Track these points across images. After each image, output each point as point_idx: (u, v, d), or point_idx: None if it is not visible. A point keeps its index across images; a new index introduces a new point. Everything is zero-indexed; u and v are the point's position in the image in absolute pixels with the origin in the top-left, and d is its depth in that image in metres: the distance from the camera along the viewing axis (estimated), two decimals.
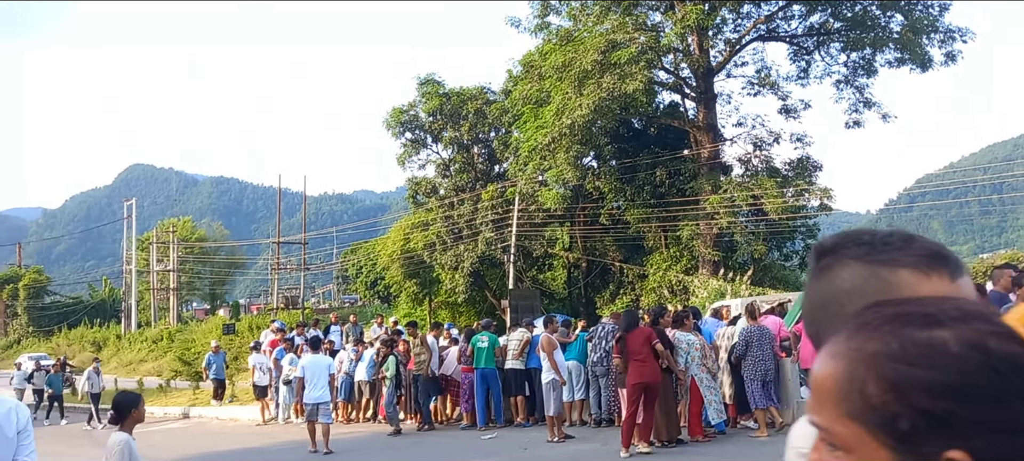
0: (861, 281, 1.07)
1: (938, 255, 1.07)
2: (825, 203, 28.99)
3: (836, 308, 1.06)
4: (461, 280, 34.34)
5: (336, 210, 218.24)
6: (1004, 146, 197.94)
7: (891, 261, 1.06)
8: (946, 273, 1.06)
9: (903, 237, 1.11)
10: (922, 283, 1.04)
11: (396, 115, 36.48)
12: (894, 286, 1.03)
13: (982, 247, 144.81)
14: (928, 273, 1.05)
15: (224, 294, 76.12)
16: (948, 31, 27.42)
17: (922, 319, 0.77)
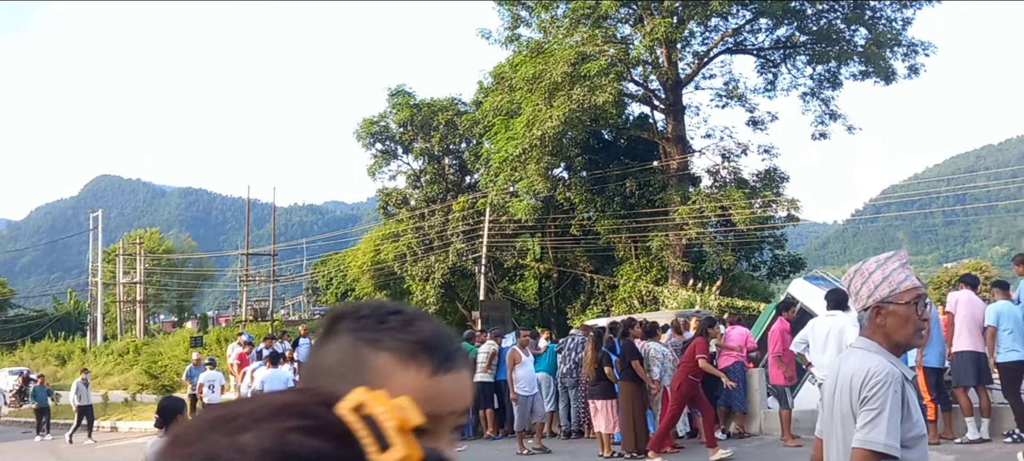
0: (343, 357, 1.00)
1: (425, 345, 0.99)
2: (792, 214, 29.33)
3: (324, 381, 0.99)
4: (432, 291, 34.25)
5: (306, 221, 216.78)
6: (967, 157, 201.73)
7: (375, 341, 0.99)
8: (428, 366, 0.98)
9: (406, 317, 1.03)
10: (398, 372, 0.97)
11: (366, 126, 36.37)
12: (371, 369, 0.98)
13: (946, 256, 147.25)
14: (406, 363, 0.98)
15: (192, 306, 75.23)
16: (911, 45, 27.94)
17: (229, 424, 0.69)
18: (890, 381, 2.48)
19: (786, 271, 31.73)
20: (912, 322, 2.59)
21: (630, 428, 10.31)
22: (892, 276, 2.61)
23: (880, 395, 2.46)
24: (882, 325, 2.60)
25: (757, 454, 10.11)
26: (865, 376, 2.51)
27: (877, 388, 2.47)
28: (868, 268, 2.69)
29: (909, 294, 2.59)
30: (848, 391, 2.55)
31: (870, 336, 2.64)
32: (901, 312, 2.58)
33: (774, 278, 32.22)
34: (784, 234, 31.46)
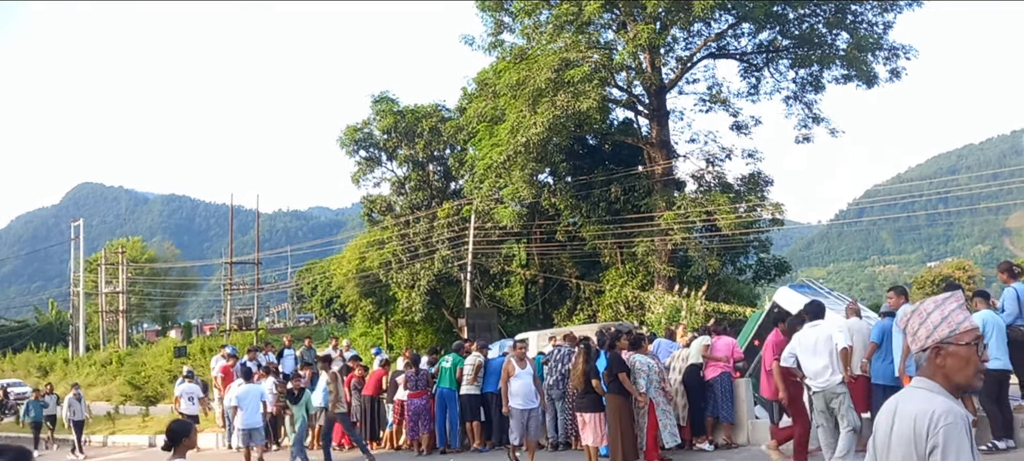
0: None
1: None
2: (777, 217, 29.40)
3: None
4: (418, 299, 34.14)
5: (290, 227, 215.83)
6: (948, 157, 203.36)
7: None
8: None
9: None
10: None
11: (350, 133, 36.25)
12: None
13: (929, 256, 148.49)
14: None
15: (176, 315, 74.80)
16: (892, 48, 28.09)
17: None
18: (961, 423, 2.49)
19: (771, 274, 31.87)
20: (972, 363, 2.62)
21: (617, 441, 10.24)
22: (951, 317, 2.64)
23: (955, 438, 2.47)
24: (941, 366, 2.62)
25: None
26: (931, 419, 2.50)
27: (950, 431, 2.47)
28: (926, 308, 2.71)
29: (969, 335, 2.62)
30: (911, 434, 2.54)
31: (930, 376, 2.65)
32: (961, 353, 2.60)
33: (759, 281, 32.34)
34: (769, 238, 31.57)
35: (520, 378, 11.02)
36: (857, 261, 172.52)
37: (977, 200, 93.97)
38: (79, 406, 21.11)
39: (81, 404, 21.36)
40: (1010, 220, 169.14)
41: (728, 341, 11.60)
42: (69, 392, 21.76)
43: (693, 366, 11.45)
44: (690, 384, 11.42)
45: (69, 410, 20.84)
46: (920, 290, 49.08)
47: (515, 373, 10.97)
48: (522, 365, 11.18)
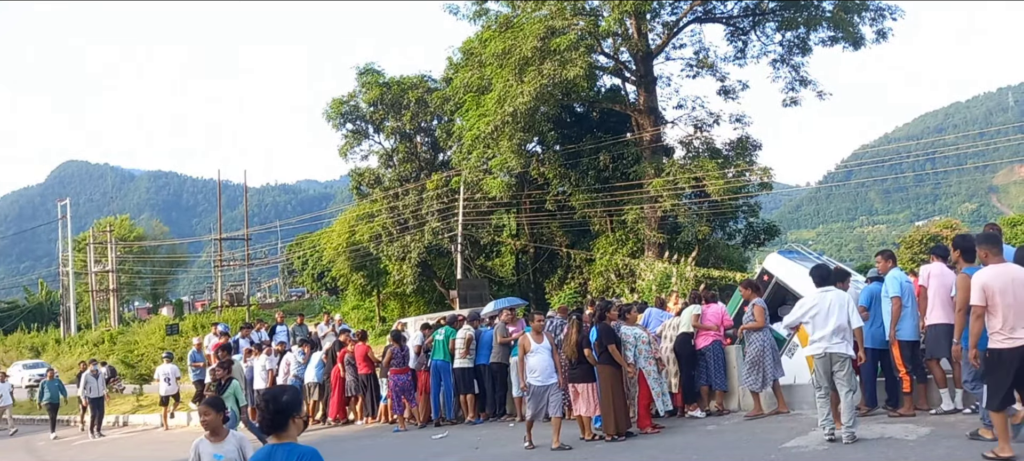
0: None
1: None
2: (765, 181, 29.46)
3: None
4: (409, 271, 34.16)
5: (279, 201, 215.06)
6: (935, 116, 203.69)
7: None
8: None
9: None
10: None
11: (336, 106, 36.03)
12: None
13: (917, 215, 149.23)
14: None
15: (166, 292, 74.55)
16: (878, 9, 28.02)
17: None
18: None
19: (761, 238, 31.98)
20: None
21: (610, 411, 10.31)
22: None
23: None
24: None
25: (737, 430, 10.16)
26: None
27: None
28: None
29: None
30: None
31: None
32: None
33: (749, 245, 32.45)
34: (758, 202, 31.65)
35: (537, 353, 10.47)
36: (846, 222, 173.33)
37: (964, 159, 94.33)
38: (96, 383, 20.04)
39: (98, 381, 20.21)
40: (997, 177, 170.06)
41: (718, 309, 11.64)
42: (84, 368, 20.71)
43: (684, 335, 11.50)
44: (681, 353, 11.47)
45: (85, 387, 19.84)
46: (908, 250, 49.21)
47: (532, 349, 10.51)
48: (539, 339, 10.58)
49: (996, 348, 6.82)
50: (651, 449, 9.60)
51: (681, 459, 8.94)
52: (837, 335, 8.38)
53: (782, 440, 9.02)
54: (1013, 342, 6.69)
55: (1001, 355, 6.78)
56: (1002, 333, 6.76)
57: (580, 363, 10.62)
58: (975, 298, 6.87)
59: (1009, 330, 6.72)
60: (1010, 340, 6.71)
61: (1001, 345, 6.77)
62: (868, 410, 9.76)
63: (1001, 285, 6.77)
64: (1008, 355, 6.72)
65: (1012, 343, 6.70)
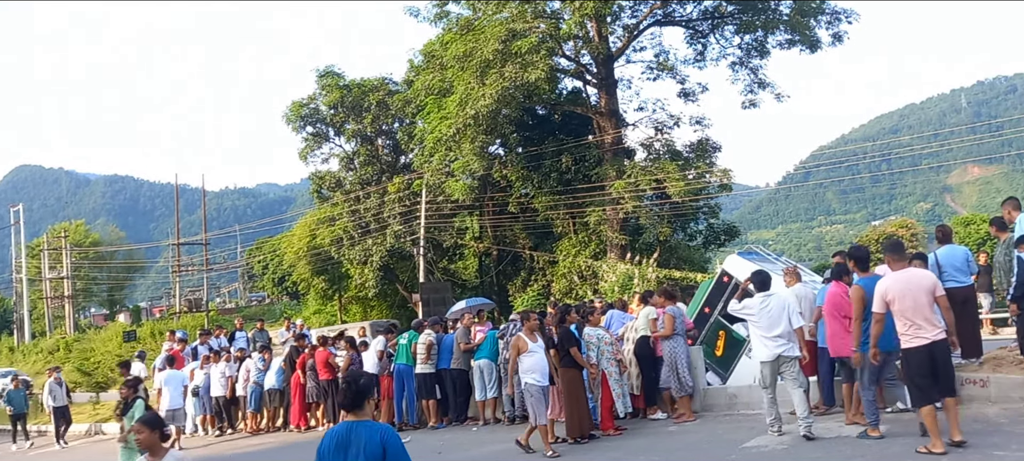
0: None
1: None
2: (725, 183, 29.77)
3: None
4: (371, 274, 33.92)
5: (239, 205, 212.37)
6: (891, 117, 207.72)
7: None
8: None
9: None
10: None
11: (296, 109, 35.68)
12: None
13: (874, 214, 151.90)
14: None
15: (123, 299, 73.20)
16: (834, 13, 28.47)
17: None
18: None
19: (721, 239, 32.33)
20: None
21: (573, 413, 10.32)
22: None
23: None
24: None
25: (698, 431, 10.23)
26: None
27: None
28: None
29: None
30: None
31: None
32: None
33: (710, 246, 32.78)
34: (718, 203, 31.97)
35: (534, 353, 9.94)
36: (804, 222, 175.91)
37: (919, 159, 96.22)
38: (61, 391, 19.65)
39: (62, 389, 19.82)
40: (951, 177, 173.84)
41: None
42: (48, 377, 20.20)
43: (644, 337, 11.54)
44: (641, 354, 11.51)
45: (49, 395, 19.41)
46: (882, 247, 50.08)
47: (528, 349, 9.97)
48: (533, 339, 10.09)
49: (906, 348, 7.28)
50: (614, 451, 9.62)
51: (643, 460, 8.96)
52: (783, 338, 8.71)
53: (742, 440, 9.09)
54: (919, 341, 7.17)
55: (909, 355, 7.26)
56: (908, 334, 7.24)
57: None
58: (876, 306, 7.40)
59: (914, 331, 7.20)
60: (916, 339, 7.18)
61: (908, 345, 7.25)
62: (826, 409, 9.88)
63: (900, 290, 7.27)
64: (916, 354, 7.20)
65: (918, 342, 7.17)
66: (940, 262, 9.68)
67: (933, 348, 7.16)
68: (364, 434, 4.41)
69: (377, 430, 4.47)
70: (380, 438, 4.40)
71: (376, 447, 4.38)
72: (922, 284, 7.32)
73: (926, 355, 7.16)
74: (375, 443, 4.38)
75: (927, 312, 7.21)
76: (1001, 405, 8.88)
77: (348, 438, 4.45)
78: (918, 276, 7.44)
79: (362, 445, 4.38)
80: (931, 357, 7.15)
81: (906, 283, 7.31)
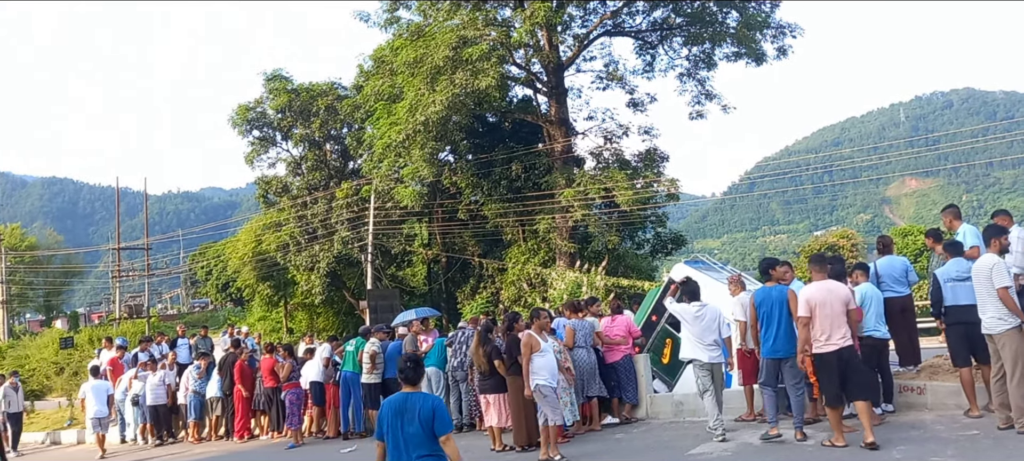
0: None
1: None
2: (672, 192, 30.09)
3: None
4: (317, 281, 33.49)
5: (182, 209, 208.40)
6: (832, 130, 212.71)
7: None
8: None
9: None
10: None
11: (242, 112, 35.13)
12: None
13: (816, 225, 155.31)
14: None
15: (61, 304, 71.23)
16: (780, 27, 29.01)
17: None
18: None
19: (668, 248, 32.68)
20: None
21: (520, 421, 10.30)
22: None
23: None
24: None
25: (644, 438, 10.30)
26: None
27: None
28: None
29: None
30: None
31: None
32: None
33: (657, 255, 33.10)
34: (665, 212, 32.31)
35: (546, 353, 9.60)
36: (749, 231, 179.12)
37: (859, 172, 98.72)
38: (16, 397, 18.68)
39: (18, 395, 18.84)
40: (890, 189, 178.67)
41: (624, 320, 11.77)
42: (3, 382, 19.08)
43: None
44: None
45: (4, 401, 18.42)
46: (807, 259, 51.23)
47: (540, 349, 9.55)
48: (544, 338, 9.77)
49: (818, 353, 8.02)
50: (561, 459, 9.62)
51: None
52: (714, 347, 9.46)
53: (689, 447, 9.18)
54: (830, 347, 7.92)
55: (822, 358, 7.99)
56: (820, 340, 7.98)
57: (491, 375, 10.61)
58: (802, 311, 8.10)
59: (825, 338, 7.95)
60: (828, 345, 7.93)
61: (820, 350, 7.99)
62: (754, 416, 10.09)
63: (820, 299, 8.00)
64: (827, 358, 7.94)
65: (829, 347, 7.92)
66: (879, 272, 9.91)
67: (842, 353, 7.90)
68: (418, 402, 5.49)
69: (429, 399, 5.58)
70: (431, 404, 5.50)
71: (428, 412, 5.45)
72: (839, 296, 8.02)
73: (835, 359, 7.89)
74: (427, 408, 5.46)
75: (840, 321, 7.94)
76: (937, 412, 9.12)
77: (404, 405, 5.51)
78: (836, 287, 8.11)
79: (416, 410, 5.43)
80: (840, 361, 7.90)
81: (826, 293, 8.01)
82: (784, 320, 8.58)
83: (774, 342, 8.61)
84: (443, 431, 5.42)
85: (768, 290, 8.80)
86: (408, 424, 5.44)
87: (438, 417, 5.42)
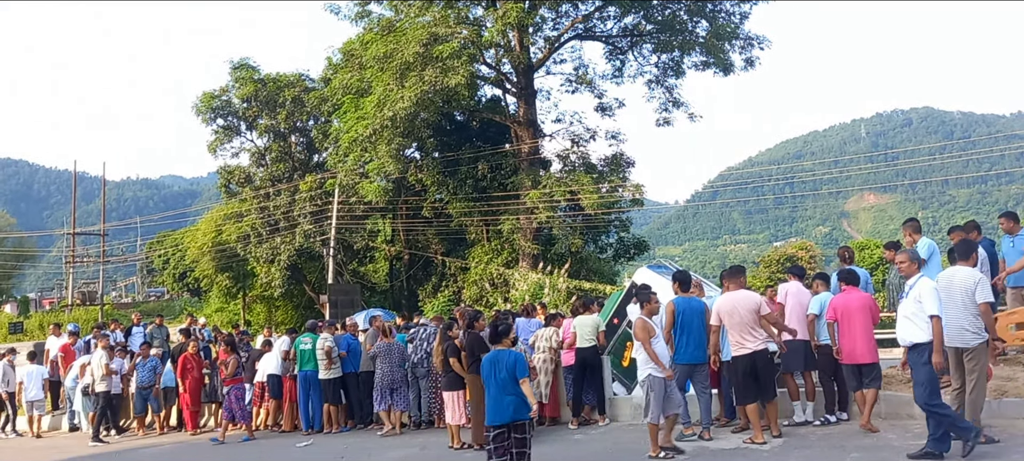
0: None
1: None
2: (637, 198, 30.29)
3: None
4: (278, 274, 33.18)
5: (140, 196, 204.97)
6: (795, 143, 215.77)
7: None
8: None
9: None
10: None
11: (206, 100, 34.67)
12: None
13: (776, 236, 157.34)
14: None
15: (11, 288, 69.56)
16: (748, 38, 29.38)
17: None
18: None
19: (631, 253, 32.88)
20: None
21: (479, 420, 10.26)
22: None
23: None
24: None
25: (603, 440, 10.33)
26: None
27: None
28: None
29: None
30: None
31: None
32: None
33: (619, 259, 33.29)
34: (629, 217, 32.51)
35: (658, 340, 8.86)
36: (710, 240, 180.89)
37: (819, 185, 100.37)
38: (14, 376, 17.52)
39: (16, 373, 17.58)
40: (848, 203, 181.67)
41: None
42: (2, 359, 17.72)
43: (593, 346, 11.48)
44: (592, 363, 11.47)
45: (3, 381, 17.35)
46: (767, 269, 51.93)
47: (656, 334, 8.83)
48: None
49: (734, 355, 8.80)
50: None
51: None
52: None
53: (647, 450, 9.21)
54: (743, 350, 8.70)
55: (736, 362, 8.82)
56: (735, 344, 8.77)
57: (448, 371, 10.58)
58: (713, 320, 9.00)
59: (738, 343, 8.74)
60: (742, 349, 8.72)
61: (735, 353, 8.79)
62: (727, 421, 10.13)
63: (729, 308, 8.76)
64: (740, 361, 8.75)
65: (742, 351, 8.71)
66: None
67: (754, 357, 8.66)
68: (505, 356, 7.35)
69: (513, 354, 7.38)
70: (514, 358, 7.31)
71: (512, 363, 7.24)
72: (747, 304, 8.73)
73: (749, 362, 8.66)
74: (511, 360, 7.27)
75: (751, 327, 8.67)
76: (891, 420, 9.26)
77: (497, 358, 7.37)
78: (744, 297, 8.81)
79: (504, 362, 7.26)
80: (752, 364, 8.65)
81: (734, 302, 8.77)
82: (699, 330, 9.37)
83: (686, 349, 9.34)
84: (521, 376, 7.17)
85: (688, 300, 9.50)
86: (499, 371, 7.26)
87: (519, 366, 7.21)
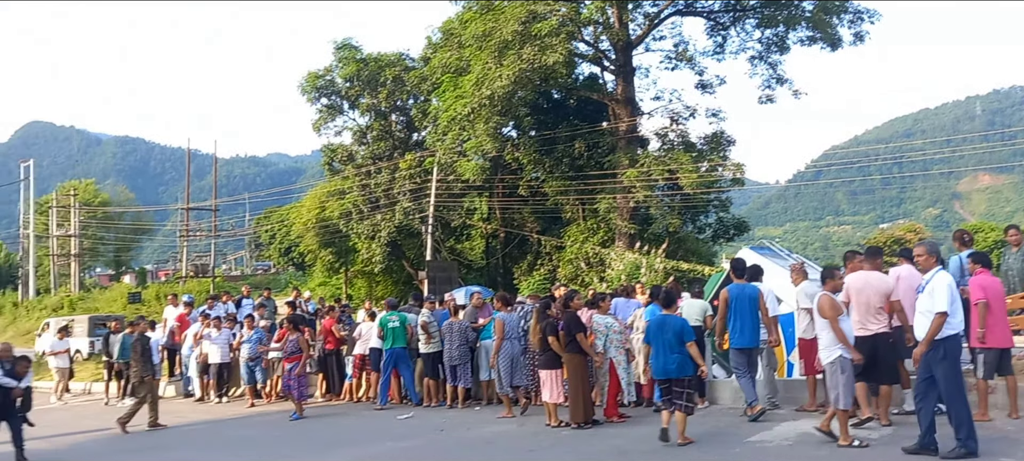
0: None
1: None
2: (737, 177, 29.61)
3: None
4: (378, 250, 33.91)
5: (248, 173, 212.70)
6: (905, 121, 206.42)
7: None
8: None
9: None
10: None
11: (311, 80, 35.59)
12: None
13: (883, 217, 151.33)
14: None
15: (130, 260, 73.49)
16: (857, 12, 28.21)
17: None
18: None
19: (730, 233, 32.20)
20: None
21: (578, 399, 10.30)
22: None
23: None
24: None
25: (702, 423, 10.19)
26: None
27: None
28: None
29: None
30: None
31: None
32: None
33: (718, 240, 32.64)
34: (729, 197, 31.83)
35: (846, 319, 8.28)
36: (812, 221, 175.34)
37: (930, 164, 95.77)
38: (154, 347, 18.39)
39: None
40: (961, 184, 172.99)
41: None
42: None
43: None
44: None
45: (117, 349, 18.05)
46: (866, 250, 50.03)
47: (843, 312, 8.24)
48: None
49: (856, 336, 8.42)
50: (616, 438, 9.60)
51: (646, 448, 8.93)
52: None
53: (747, 434, 9.07)
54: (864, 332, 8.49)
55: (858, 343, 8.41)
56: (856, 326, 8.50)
57: (545, 350, 10.62)
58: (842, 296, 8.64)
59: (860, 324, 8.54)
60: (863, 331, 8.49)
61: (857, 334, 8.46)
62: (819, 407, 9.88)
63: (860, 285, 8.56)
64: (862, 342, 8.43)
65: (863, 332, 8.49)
66: (964, 265, 9.63)
67: (876, 339, 8.49)
68: (672, 321, 8.56)
69: (679, 319, 8.69)
70: (680, 323, 8.56)
71: (678, 327, 8.42)
72: (879, 286, 8.58)
73: (871, 345, 8.42)
74: (678, 325, 8.45)
75: (877, 310, 8.51)
76: (1006, 410, 8.83)
77: (664, 321, 8.57)
78: (877, 278, 8.65)
79: (671, 326, 8.39)
80: (874, 347, 8.42)
81: (866, 280, 8.61)
82: (752, 315, 9.71)
83: (741, 334, 9.71)
84: (688, 339, 8.09)
85: (742, 287, 9.79)
86: (666, 334, 8.29)
87: (685, 331, 8.23)
